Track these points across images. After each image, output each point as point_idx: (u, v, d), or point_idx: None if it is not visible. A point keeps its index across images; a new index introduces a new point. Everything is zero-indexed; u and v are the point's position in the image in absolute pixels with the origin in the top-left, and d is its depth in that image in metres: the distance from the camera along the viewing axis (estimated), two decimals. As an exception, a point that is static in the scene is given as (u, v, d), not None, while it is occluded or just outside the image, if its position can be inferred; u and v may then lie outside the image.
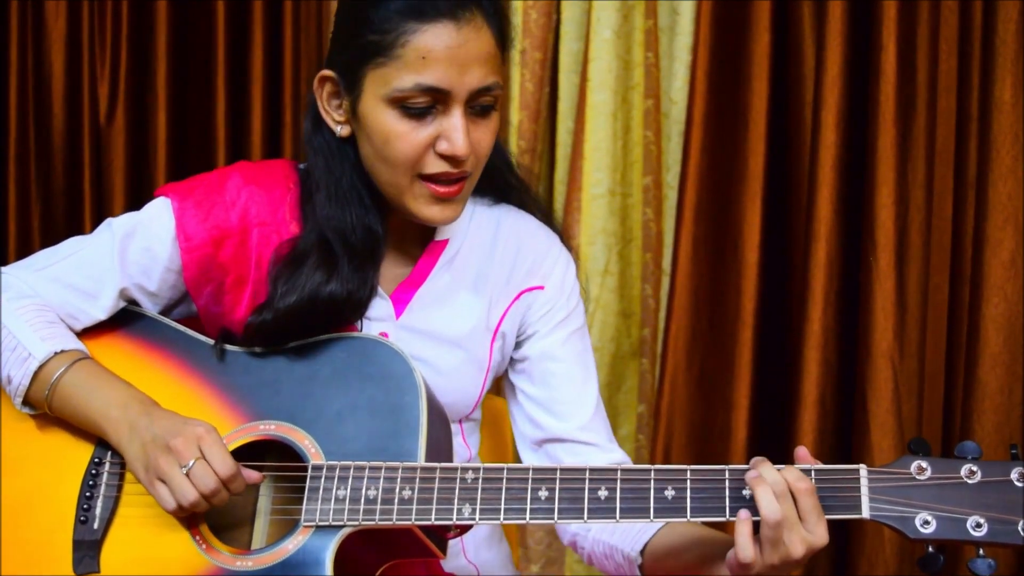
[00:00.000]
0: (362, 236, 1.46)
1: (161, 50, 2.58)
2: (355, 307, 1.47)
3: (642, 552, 1.44)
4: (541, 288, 1.56)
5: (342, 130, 1.46)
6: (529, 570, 2.52)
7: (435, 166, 1.40)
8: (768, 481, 1.23)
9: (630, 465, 1.33)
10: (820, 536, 1.23)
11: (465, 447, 1.61)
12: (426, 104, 1.37)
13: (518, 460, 1.63)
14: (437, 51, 1.35)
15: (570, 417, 1.55)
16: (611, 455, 1.56)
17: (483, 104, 1.41)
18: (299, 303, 1.43)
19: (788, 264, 2.33)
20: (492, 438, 1.79)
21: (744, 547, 1.24)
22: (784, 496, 1.22)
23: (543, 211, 1.63)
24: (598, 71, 2.45)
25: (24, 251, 2.58)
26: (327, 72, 1.45)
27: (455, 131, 1.38)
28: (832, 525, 1.25)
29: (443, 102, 1.38)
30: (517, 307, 1.57)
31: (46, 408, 1.45)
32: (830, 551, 2.21)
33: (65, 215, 2.63)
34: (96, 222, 1.94)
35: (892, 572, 2.11)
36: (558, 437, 1.56)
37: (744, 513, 1.25)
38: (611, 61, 2.46)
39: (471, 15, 1.37)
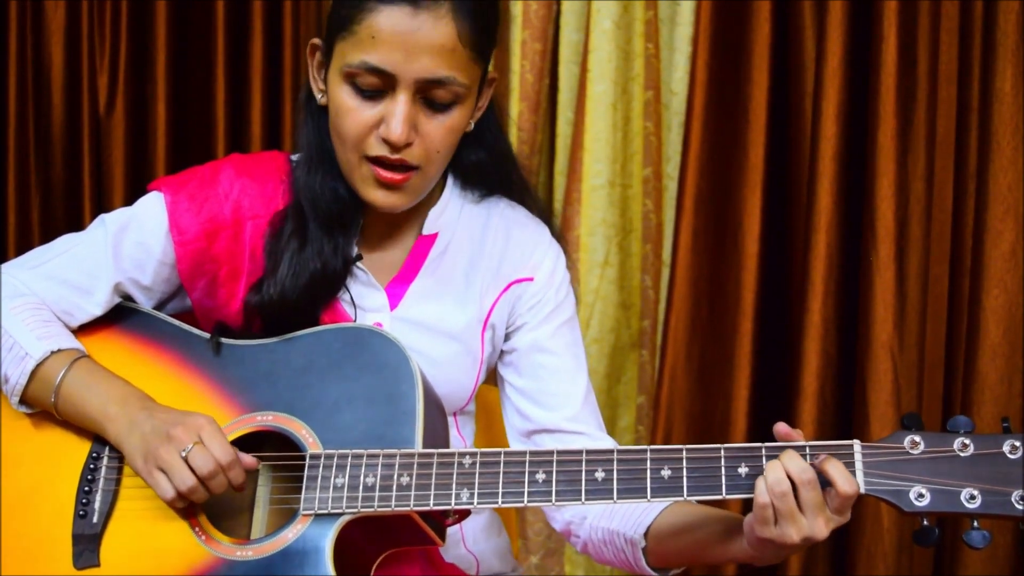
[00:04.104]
0: (329, 199, 1.48)
1: (161, 41, 2.58)
2: (332, 275, 1.49)
3: (645, 535, 1.43)
4: (530, 280, 1.56)
5: (322, 98, 1.48)
6: (529, 561, 2.51)
7: (376, 148, 1.41)
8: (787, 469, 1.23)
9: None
10: (819, 530, 1.22)
11: (460, 438, 1.61)
12: (375, 86, 1.39)
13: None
14: (385, 33, 1.36)
15: (558, 408, 1.55)
16: (600, 444, 1.54)
17: (438, 99, 1.40)
18: (282, 276, 1.46)
19: (788, 255, 2.33)
20: (486, 429, 1.79)
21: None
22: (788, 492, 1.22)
23: (541, 209, 1.63)
24: (598, 62, 2.45)
25: (23, 242, 2.58)
26: (316, 40, 1.48)
27: (393, 116, 1.38)
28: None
29: (392, 86, 1.39)
30: (506, 298, 1.56)
31: (53, 411, 1.45)
32: (828, 544, 2.21)
33: (64, 206, 2.62)
34: (95, 213, 1.93)
35: (891, 564, 2.11)
36: (546, 428, 1.55)
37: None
38: (611, 52, 2.45)
39: (435, 5, 1.36)
